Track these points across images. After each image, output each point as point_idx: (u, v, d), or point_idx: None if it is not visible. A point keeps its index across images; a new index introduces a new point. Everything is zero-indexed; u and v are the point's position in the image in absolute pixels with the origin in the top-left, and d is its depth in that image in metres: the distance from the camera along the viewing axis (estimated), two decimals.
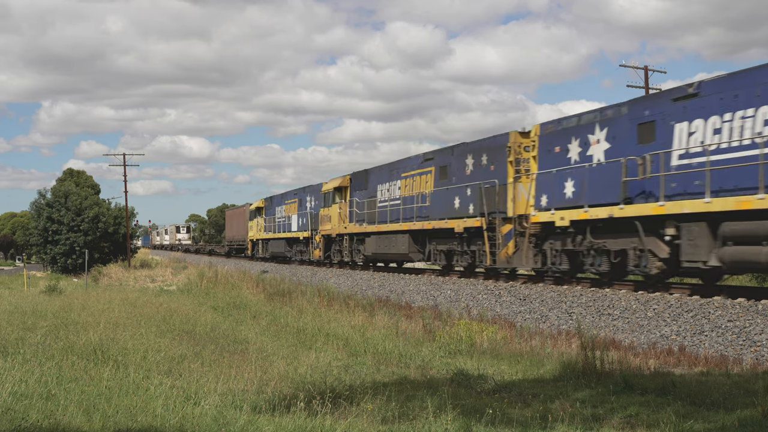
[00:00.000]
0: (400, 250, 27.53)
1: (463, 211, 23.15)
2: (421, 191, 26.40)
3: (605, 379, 9.95)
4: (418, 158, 27.45)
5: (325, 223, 35.87)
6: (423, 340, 14.54)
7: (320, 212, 36.90)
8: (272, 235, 47.74)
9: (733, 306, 14.03)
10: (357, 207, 32.12)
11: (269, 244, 48.79)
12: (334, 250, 35.36)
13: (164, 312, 17.59)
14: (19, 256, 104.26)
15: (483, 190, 21.85)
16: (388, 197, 29.50)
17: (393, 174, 29.46)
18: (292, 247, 43.54)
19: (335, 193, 34.76)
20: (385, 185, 30.19)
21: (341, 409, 8.36)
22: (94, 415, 7.68)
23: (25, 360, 10.53)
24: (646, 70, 38.14)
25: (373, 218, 30.38)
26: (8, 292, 26.76)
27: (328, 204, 35.50)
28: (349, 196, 33.36)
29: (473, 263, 23.33)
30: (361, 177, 32.90)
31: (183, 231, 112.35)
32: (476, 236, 22.50)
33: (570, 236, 18.50)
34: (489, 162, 22.34)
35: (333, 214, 34.71)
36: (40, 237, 47.95)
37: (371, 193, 31.35)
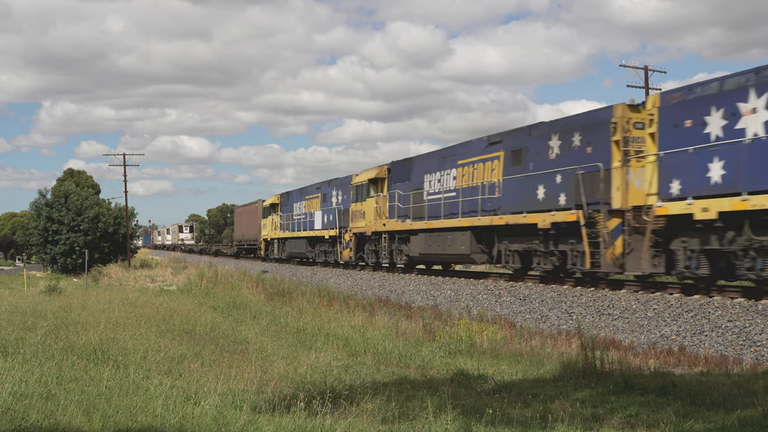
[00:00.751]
0: (459, 250, 23.33)
1: (550, 202, 19.16)
2: (487, 180, 22.33)
3: (605, 379, 9.95)
4: (480, 142, 23.36)
5: (357, 220, 31.71)
6: (423, 340, 14.54)
7: (350, 207, 32.85)
8: (290, 234, 43.46)
9: (733, 306, 14.03)
10: (399, 201, 28.02)
11: (286, 244, 44.57)
12: (368, 251, 31.29)
13: (164, 312, 17.59)
14: (19, 256, 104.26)
15: (580, 177, 17.87)
16: (440, 189, 25.26)
17: (446, 162, 25.19)
18: (314, 247, 39.39)
19: (369, 186, 30.67)
20: (434, 175, 25.87)
21: (341, 409, 8.36)
22: (94, 415, 7.68)
23: (25, 360, 10.53)
24: (646, 70, 38.16)
25: (420, 213, 26.26)
26: (8, 292, 26.74)
27: (360, 198, 31.49)
28: (387, 189, 29.57)
29: (561, 266, 19.38)
30: (403, 167, 28.66)
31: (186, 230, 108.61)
32: (567, 233, 18.59)
33: (715, 232, 14.69)
34: (584, 142, 18.31)
35: (367, 210, 30.62)
36: (40, 237, 47.96)
37: (416, 184, 27.08)
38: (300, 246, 41.28)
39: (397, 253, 28.60)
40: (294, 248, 42.72)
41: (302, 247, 40.83)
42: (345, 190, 34.88)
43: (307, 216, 40.13)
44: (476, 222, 22.49)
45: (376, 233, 30.10)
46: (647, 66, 38.31)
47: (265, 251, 50.87)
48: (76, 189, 50.53)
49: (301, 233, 40.86)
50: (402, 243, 28.00)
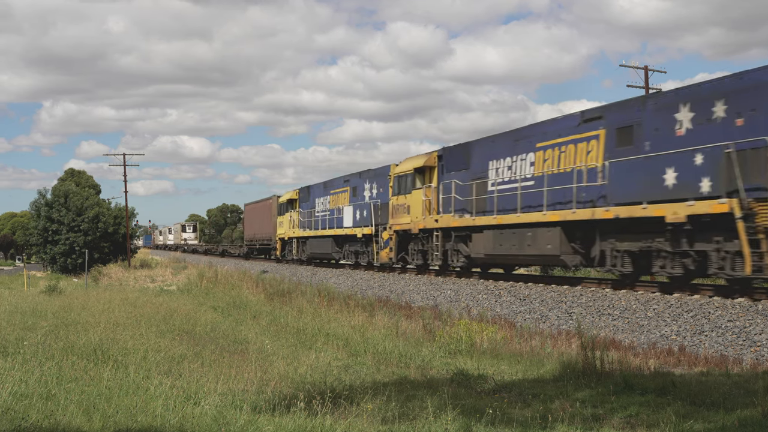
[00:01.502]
0: (543, 250, 19.23)
1: (686, 189, 15.20)
2: (582, 165, 18.17)
3: (605, 379, 9.95)
4: (568, 120, 19.25)
5: (399, 216, 27.41)
6: (423, 340, 14.54)
7: (390, 202, 28.48)
8: (312, 233, 38.81)
9: (733, 306, 14.03)
10: (457, 192, 23.62)
11: (308, 244, 39.85)
12: (414, 251, 26.93)
13: (164, 312, 17.59)
14: (19, 256, 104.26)
15: (735, 155, 14.02)
16: (511, 177, 21.07)
17: (519, 145, 21.03)
18: (341, 247, 35.02)
19: (415, 176, 26.44)
20: (502, 161, 21.68)
21: (341, 409, 8.36)
22: (94, 415, 7.68)
23: (25, 360, 10.53)
24: (646, 70, 38.15)
25: (484, 206, 22.20)
26: (8, 292, 26.75)
27: (403, 190, 27.24)
28: (438, 179, 25.33)
29: (696, 270, 15.60)
30: (459, 153, 24.34)
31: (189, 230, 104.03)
32: (709, 229, 14.84)
33: None
34: (731, 113, 14.53)
35: (413, 204, 26.42)
36: (40, 237, 47.98)
37: (477, 172, 22.89)
38: (324, 246, 36.81)
39: (453, 253, 24.25)
40: (317, 248, 38.28)
41: (327, 247, 36.27)
42: (382, 182, 30.54)
43: (332, 212, 35.97)
44: (569, 216, 18.20)
45: (424, 230, 25.66)
46: (647, 66, 38.31)
47: (281, 251, 46.16)
48: (76, 189, 50.57)
49: (326, 231, 36.40)
50: (460, 242, 23.64)
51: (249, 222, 58.39)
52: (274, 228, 48.04)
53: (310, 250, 39.34)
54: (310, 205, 40.31)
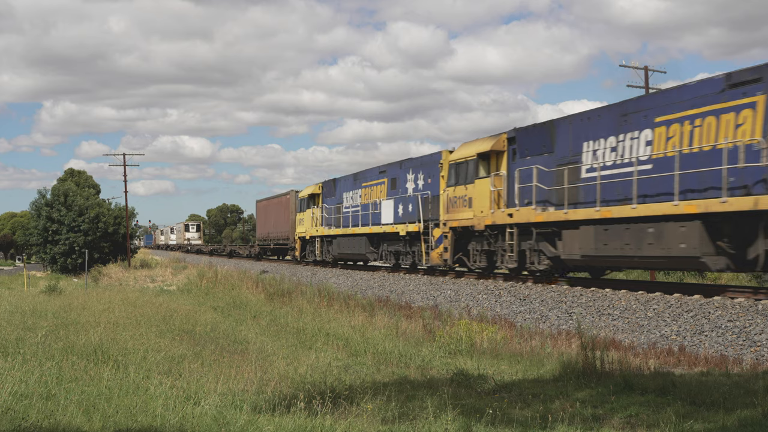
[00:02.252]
0: (675, 250, 15.31)
1: None
2: (728, 142, 14.08)
3: (605, 379, 9.95)
4: (706, 86, 15.10)
5: (456, 210, 23.44)
6: (423, 340, 14.54)
7: (444, 194, 24.48)
8: (340, 231, 34.57)
9: (733, 306, 14.03)
10: (540, 180, 19.41)
11: (334, 243, 35.81)
12: (476, 252, 22.92)
13: (164, 312, 17.59)
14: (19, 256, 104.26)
15: None
16: (617, 161, 17.05)
17: (628, 122, 16.91)
18: (378, 247, 30.92)
19: (479, 163, 22.30)
20: (601, 142, 17.58)
21: (341, 409, 8.36)
22: (94, 415, 7.68)
23: (25, 360, 10.53)
24: (646, 70, 38.17)
25: (577, 197, 18.11)
26: (8, 292, 26.75)
27: (462, 180, 23.28)
28: (507, 166, 21.31)
29: None
30: (538, 134, 20.02)
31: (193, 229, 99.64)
32: None
33: None
34: None
35: (476, 195, 22.33)
36: (40, 237, 47.98)
37: (565, 156, 18.77)
38: (356, 245, 32.67)
39: (532, 254, 20.15)
40: (346, 248, 34.05)
41: (359, 247, 32.20)
42: (430, 172, 26.61)
43: (365, 208, 31.92)
44: (716, 207, 14.18)
45: (492, 227, 21.61)
46: (647, 66, 38.34)
47: (301, 252, 41.93)
48: (76, 189, 50.59)
49: (358, 229, 32.28)
50: (543, 240, 19.54)
51: (262, 220, 53.85)
52: (291, 226, 43.91)
53: (338, 250, 35.07)
54: (336, 200, 36.07)
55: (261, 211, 54.37)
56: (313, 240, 39.68)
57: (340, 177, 36.68)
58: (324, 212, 37.31)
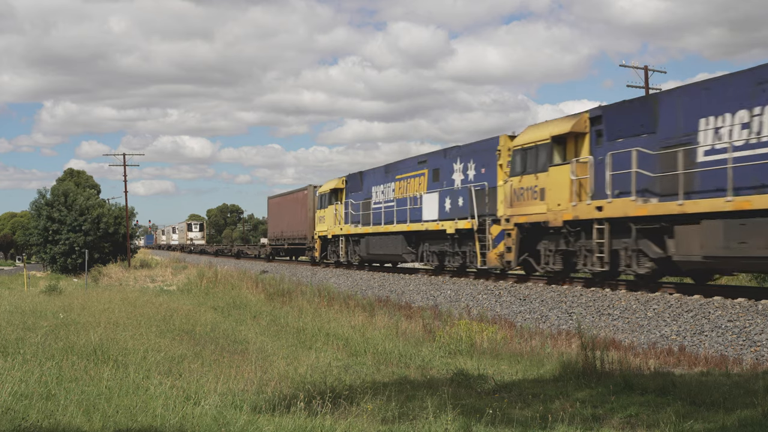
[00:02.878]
0: None
1: None
2: None
3: (605, 379, 9.96)
4: None
5: (524, 203, 19.93)
6: (423, 340, 14.55)
7: (506, 185, 20.80)
8: (370, 229, 30.94)
9: (733, 306, 14.03)
10: (640, 164, 15.98)
11: (363, 243, 32.07)
12: (548, 251, 19.49)
13: (164, 312, 17.59)
14: (19, 256, 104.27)
15: None
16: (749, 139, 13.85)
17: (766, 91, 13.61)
18: (417, 247, 27.32)
19: (553, 148, 18.89)
20: (728, 117, 14.36)
21: (341, 409, 8.36)
22: (94, 415, 7.68)
23: (25, 360, 10.54)
24: (646, 70, 38.19)
25: (691, 186, 14.92)
26: (8, 292, 26.76)
27: (532, 168, 19.66)
28: (591, 150, 17.95)
29: None
30: (633, 111, 16.85)
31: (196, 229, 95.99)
32: None
33: None
34: None
35: (552, 185, 18.82)
36: (40, 237, 48.00)
37: (674, 137, 15.59)
38: (390, 245, 29.07)
39: (629, 255, 16.53)
40: (378, 248, 30.37)
41: (394, 247, 28.62)
42: (484, 160, 23.14)
43: (400, 203, 28.40)
44: None
45: (573, 223, 18.21)
46: (647, 66, 38.36)
47: (321, 252, 38.12)
48: (76, 189, 50.62)
49: (392, 227, 28.65)
50: (644, 238, 16.18)
51: (274, 218, 50.00)
52: (310, 224, 40.34)
53: (369, 250, 31.31)
54: (363, 195, 32.65)
55: (273, 209, 50.53)
56: (336, 239, 35.79)
57: (368, 170, 33.11)
58: (350, 208, 33.65)
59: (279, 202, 49.08)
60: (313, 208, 39.87)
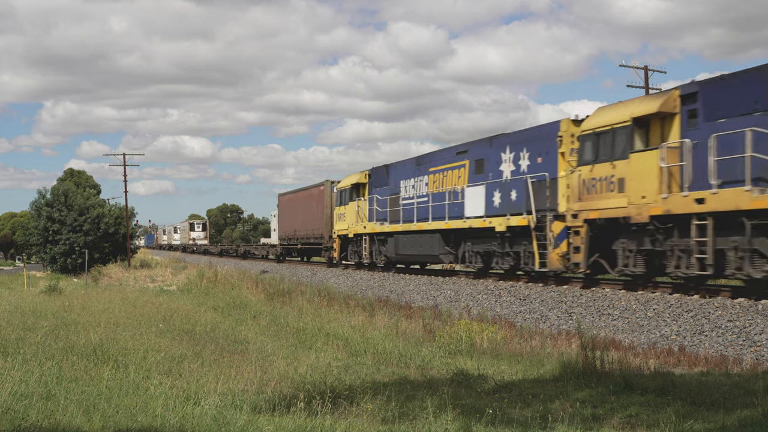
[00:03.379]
0: None
1: None
2: None
3: (605, 379, 9.96)
4: None
5: (596, 196, 17.17)
6: (423, 340, 14.55)
7: (576, 174, 17.88)
8: (400, 227, 28.05)
9: (733, 306, 14.03)
10: (758, 147, 13.43)
11: (390, 243, 29.17)
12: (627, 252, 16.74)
13: (164, 312, 17.59)
14: (19, 256, 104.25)
15: None
16: None
17: None
18: (457, 247, 24.64)
19: (635, 132, 16.25)
20: None
21: (341, 409, 8.36)
22: (94, 415, 7.68)
23: (25, 360, 10.54)
24: (646, 70, 38.20)
25: None
26: (8, 292, 26.76)
27: (606, 154, 16.95)
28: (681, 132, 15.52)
29: None
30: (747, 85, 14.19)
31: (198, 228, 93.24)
32: None
33: None
34: None
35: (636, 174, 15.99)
36: (40, 237, 48.02)
37: None
38: (424, 244, 26.34)
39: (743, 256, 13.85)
40: (409, 248, 27.59)
41: (429, 247, 25.94)
42: (542, 148, 20.23)
43: (438, 197, 25.52)
44: None
45: (663, 218, 15.52)
46: (647, 66, 38.38)
47: (340, 253, 35.25)
48: (76, 189, 50.63)
49: (427, 224, 25.97)
50: (762, 236, 13.56)
51: (286, 216, 46.93)
52: (327, 222, 37.37)
53: (398, 250, 28.43)
54: (390, 190, 29.86)
55: (285, 207, 47.50)
56: (358, 239, 32.72)
57: (394, 163, 30.30)
58: (375, 205, 30.60)
59: (291, 199, 45.92)
60: (331, 205, 37.16)
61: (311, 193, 41.04)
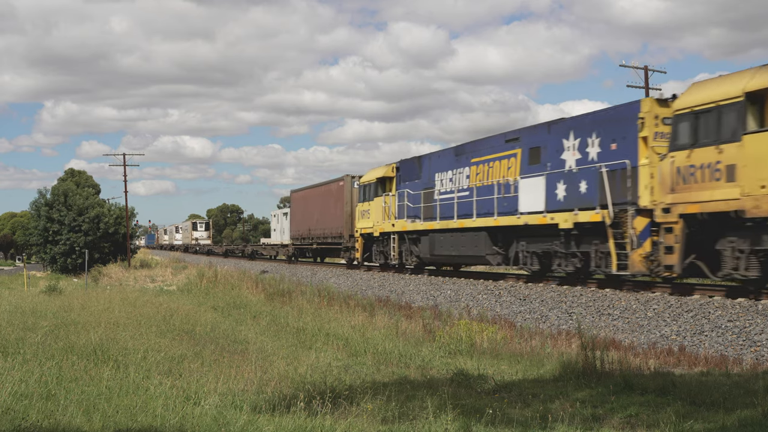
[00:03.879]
0: None
1: None
2: None
3: (605, 379, 9.96)
4: None
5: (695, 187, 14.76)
6: (423, 340, 14.55)
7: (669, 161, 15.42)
8: (435, 225, 25.20)
9: (733, 306, 14.03)
10: None
11: (424, 242, 26.17)
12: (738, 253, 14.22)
13: (164, 312, 17.58)
14: (19, 256, 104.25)
15: None
16: None
17: None
18: (507, 246, 21.90)
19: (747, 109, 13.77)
20: None
21: (341, 409, 8.36)
22: (94, 415, 7.68)
23: (25, 360, 10.54)
24: (646, 70, 38.21)
25: None
26: (8, 292, 26.75)
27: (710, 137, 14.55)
28: None
29: None
30: None
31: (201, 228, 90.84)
32: None
33: None
34: None
35: (751, 159, 13.64)
36: (40, 237, 48.02)
37: None
38: (467, 244, 23.36)
39: None
40: (448, 248, 24.65)
41: (474, 247, 22.99)
42: (618, 132, 17.63)
43: (484, 191, 22.65)
44: None
45: None
46: (647, 66, 38.39)
47: (362, 254, 32.23)
48: (75, 189, 50.64)
49: (470, 222, 23.05)
50: None
51: (299, 214, 44.00)
52: (347, 220, 34.67)
53: (434, 250, 25.56)
54: (423, 184, 26.78)
55: (298, 204, 44.55)
56: (385, 237, 29.58)
57: (428, 154, 27.37)
58: (405, 200, 27.53)
59: (305, 195, 42.84)
60: (351, 202, 34.45)
61: (329, 188, 38.16)
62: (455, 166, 24.85)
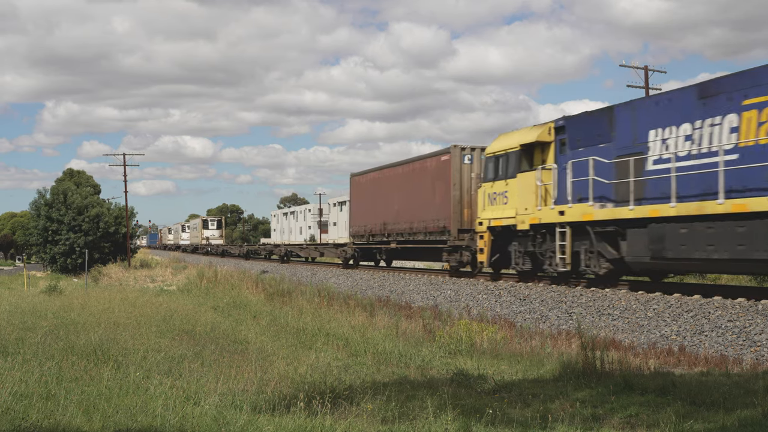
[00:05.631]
0: None
1: None
2: None
3: (605, 379, 9.95)
4: None
5: None
6: (423, 340, 14.54)
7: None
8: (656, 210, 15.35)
9: (733, 306, 14.03)
10: None
11: (637, 238, 16.22)
12: None
13: (164, 312, 17.58)
14: (19, 256, 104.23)
15: None
16: None
17: None
18: None
19: None
20: None
21: (341, 409, 8.36)
22: (94, 415, 7.68)
23: (25, 360, 10.54)
24: (646, 70, 38.21)
25: None
26: (8, 292, 26.75)
27: None
28: None
29: None
30: None
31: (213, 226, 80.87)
32: None
33: None
34: None
35: None
36: (40, 237, 48.02)
37: None
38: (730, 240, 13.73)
39: None
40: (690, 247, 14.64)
41: (750, 244, 13.38)
42: None
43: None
44: None
45: None
46: (647, 66, 38.39)
47: (491, 254, 22.22)
48: (75, 188, 50.65)
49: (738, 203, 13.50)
50: None
51: (365, 203, 33.53)
52: (455, 209, 24.98)
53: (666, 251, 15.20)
54: (617, 149, 17.02)
55: (363, 191, 33.90)
56: (541, 232, 19.76)
57: (629, 101, 17.38)
58: (591, 171, 17.55)
59: (377, 179, 32.22)
60: (461, 183, 25.05)
61: (423, 166, 27.62)
62: (697, 116, 15.00)
